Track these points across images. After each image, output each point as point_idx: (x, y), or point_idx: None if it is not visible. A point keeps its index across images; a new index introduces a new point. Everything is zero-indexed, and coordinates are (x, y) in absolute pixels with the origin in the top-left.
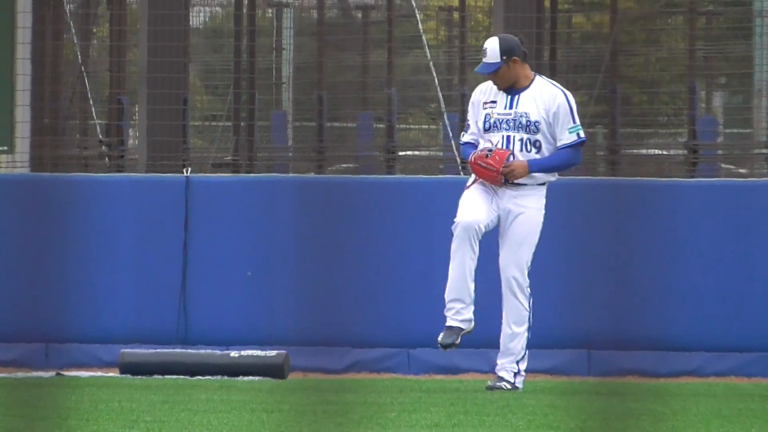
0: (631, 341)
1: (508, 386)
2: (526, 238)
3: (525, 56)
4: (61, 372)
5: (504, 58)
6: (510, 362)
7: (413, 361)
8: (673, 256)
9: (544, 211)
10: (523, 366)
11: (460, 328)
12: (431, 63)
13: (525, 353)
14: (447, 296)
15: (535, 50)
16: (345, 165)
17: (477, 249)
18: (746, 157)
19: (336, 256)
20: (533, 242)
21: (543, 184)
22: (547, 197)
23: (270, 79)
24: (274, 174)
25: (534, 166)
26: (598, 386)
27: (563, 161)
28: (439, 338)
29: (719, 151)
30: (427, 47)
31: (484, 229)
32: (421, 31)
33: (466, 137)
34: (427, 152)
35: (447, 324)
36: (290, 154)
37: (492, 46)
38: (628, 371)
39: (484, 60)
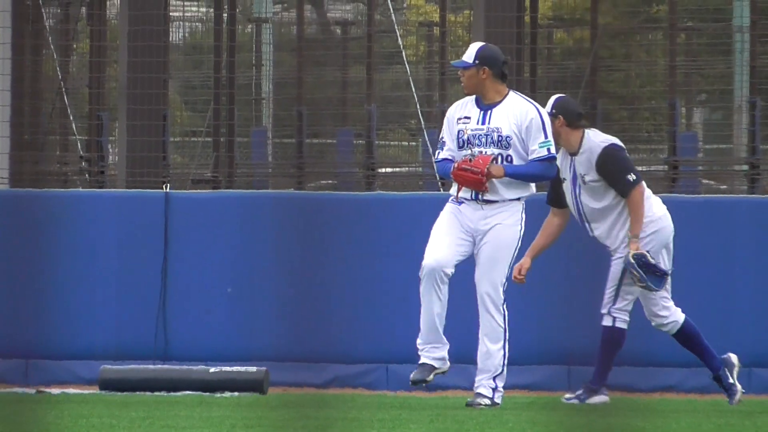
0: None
1: (488, 402)
2: (499, 255)
3: (503, 76)
4: (42, 388)
5: (477, 62)
6: (487, 379)
7: (392, 376)
8: None
9: (521, 227)
10: (501, 382)
11: (432, 366)
12: (411, 79)
13: (503, 369)
14: (419, 340)
15: (515, 66)
16: (325, 181)
17: (444, 293)
18: (726, 173)
19: (316, 273)
20: (508, 259)
21: (517, 199)
22: (525, 213)
23: (250, 95)
24: (253, 190)
25: (509, 169)
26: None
27: (535, 172)
28: (411, 375)
29: (699, 167)
30: (406, 63)
31: (451, 272)
32: (401, 46)
33: (442, 154)
34: (407, 168)
35: (420, 361)
36: (270, 170)
37: (473, 48)
38: (607, 387)
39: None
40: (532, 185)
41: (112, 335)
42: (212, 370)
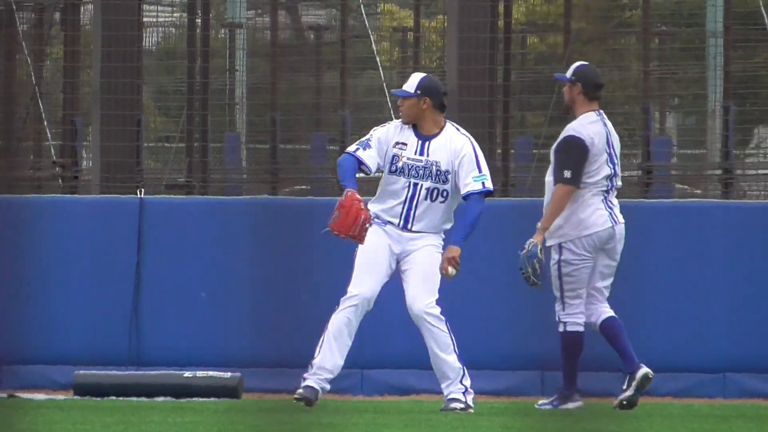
0: (584, 361)
1: (462, 406)
2: (430, 270)
3: (442, 107)
4: (15, 393)
5: (418, 92)
6: (454, 384)
7: (366, 381)
8: (628, 276)
9: (441, 253)
10: (467, 381)
11: (318, 392)
12: (385, 84)
13: (463, 370)
14: (317, 361)
15: (488, 71)
16: (299, 187)
17: (358, 324)
18: (700, 178)
19: (289, 278)
20: (436, 273)
21: (440, 232)
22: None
23: (223, 100)
24: (227, 196)
25: (462, 240)
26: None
27: (476, 217)
28: (298, 391)
29: (673, 172)
30: (380, 68)
31: (373, 302)
32: (375, 52)
33: (360, 152)
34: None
35: (307, 383)
36: (244, 175)
37: (414, 78)
38: (581, 392)
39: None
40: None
41: (86, 340)
42: (186, 375)
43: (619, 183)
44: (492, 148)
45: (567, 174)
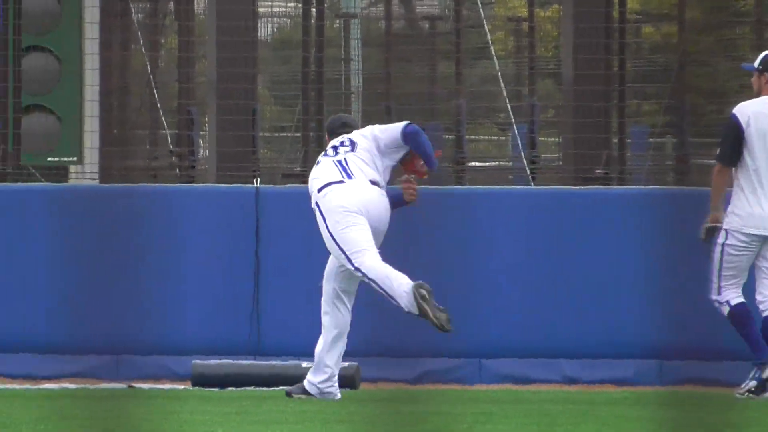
0: (703, 351)
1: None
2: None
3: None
4: (133, 384)
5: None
6: None
7: (484, 370)
8: None
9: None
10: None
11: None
12: (499, 74)
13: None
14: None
15: (604, 61)
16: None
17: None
18: None
19: (406, 266)
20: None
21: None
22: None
23: (338, 90)
24: None
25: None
26: (669, 396)
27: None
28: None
29: None
30: (495, 58)
31: None
32: (489, 41)
33: None
34: (496, 163)
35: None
36: None
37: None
38: (699, 381)
39: None
40: None
41: (203, 330)
42: (305, 365)
43: None
44: (608, 138)
45: (718, 151)
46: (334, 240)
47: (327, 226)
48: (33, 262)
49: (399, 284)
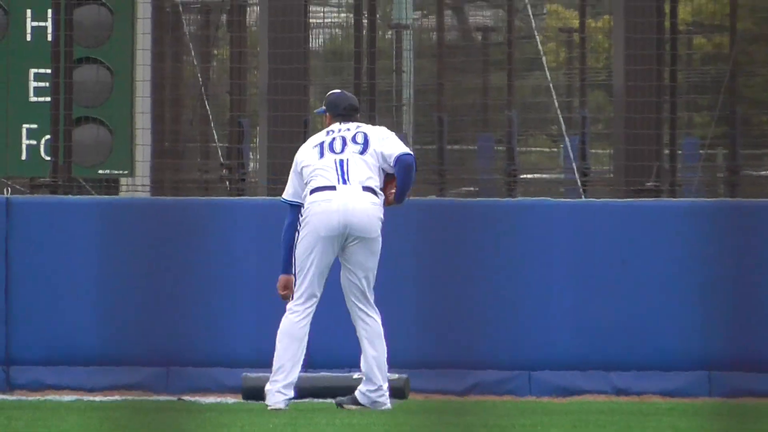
0: (754, 362)
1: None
2: None
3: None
4: (183, 397)
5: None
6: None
7: (534, 382)
8: None
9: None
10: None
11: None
12: (551, 85)
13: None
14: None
15: (655, 72)
16: (466, 188)
17: None
18: None
19: (457, 279)
20: None
21: None
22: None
23: (390, 102)
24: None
25: None
26: (719, 408)
27: None
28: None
29: None
30: (547, 69)
31: None
32: (541, 52)
33: None
34: (548, 175)
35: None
36: None
37: None
38: (749, 392)
39: None
40: None
41: (254, 343)
42: (355, 376)
43: None
44: (659, 149)
45: None
46: (294, 252)
47: (297, 234)
48: (84, 274)
49: (280, 365)
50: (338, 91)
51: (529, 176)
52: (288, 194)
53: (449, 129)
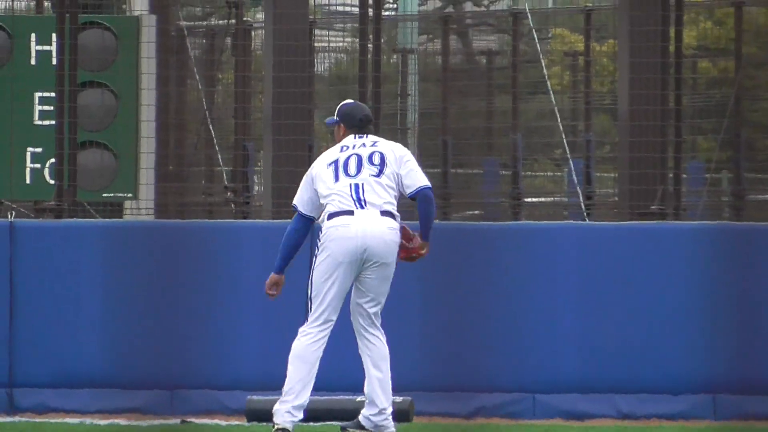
0: (758, 386)
1: None
2: None
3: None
4: (186, 419)
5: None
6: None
7: (538, 405)
8: None
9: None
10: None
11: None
12: (556, 108)
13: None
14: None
15: (660, 96)
16: (470, 212)
17: None
18: None
19: (462, 302)
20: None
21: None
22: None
23: (395, 125)
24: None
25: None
26: (724, 431)
27: None
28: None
29: None
30: (551, 92)
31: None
32: (546, 76)
33: None
34: (552, 198)
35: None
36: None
37: None
38: (753, 416)
39: None
40: None
41: (258, 365)
42: (358, 399)
43: None
44: (664, 173)
45: None
46: (310, 273)
47: (315, 257)
48: (88, 297)
49: (290, 387)
50: (351, 101)
51: (533, 200)
52: (299, 201)
53: (454, 152)
